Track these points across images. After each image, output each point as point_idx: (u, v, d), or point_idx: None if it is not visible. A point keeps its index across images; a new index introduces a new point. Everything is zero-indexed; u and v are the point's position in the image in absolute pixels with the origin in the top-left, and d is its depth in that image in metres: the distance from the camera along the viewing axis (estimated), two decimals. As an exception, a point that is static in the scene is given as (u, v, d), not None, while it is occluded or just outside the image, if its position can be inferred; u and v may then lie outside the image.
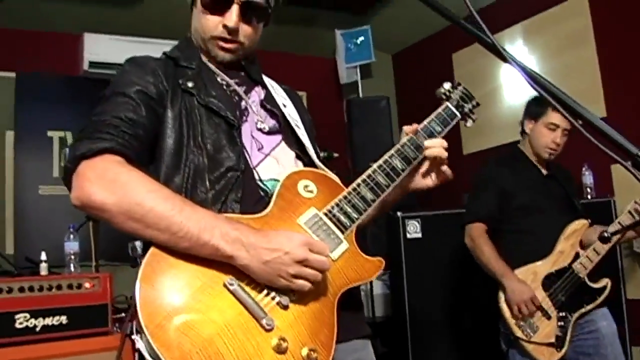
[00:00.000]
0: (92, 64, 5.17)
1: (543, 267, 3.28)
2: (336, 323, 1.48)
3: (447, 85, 1.95)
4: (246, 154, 1.66)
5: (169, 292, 1.37)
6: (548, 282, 3.24)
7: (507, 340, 3.30)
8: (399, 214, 4.43)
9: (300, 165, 1.79)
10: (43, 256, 3.68)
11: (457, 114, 1.92)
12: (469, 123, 1.99)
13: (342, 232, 1.58)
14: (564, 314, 3.22)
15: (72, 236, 3.84)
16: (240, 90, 1.79)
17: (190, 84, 1.68)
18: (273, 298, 1.43)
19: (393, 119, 5.86)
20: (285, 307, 1.43)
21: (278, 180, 1.64)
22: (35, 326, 3.31)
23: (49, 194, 5.09)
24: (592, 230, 3.34)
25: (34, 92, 5.11)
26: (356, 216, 1.61)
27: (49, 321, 3.35)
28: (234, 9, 1.69)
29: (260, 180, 1.66)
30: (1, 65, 5.13)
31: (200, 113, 1.65)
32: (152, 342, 1.29)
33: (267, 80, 1.92)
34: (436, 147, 1.76)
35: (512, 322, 3.19)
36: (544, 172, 3.58)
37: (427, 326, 4.40)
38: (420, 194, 1.88)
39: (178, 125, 1.62)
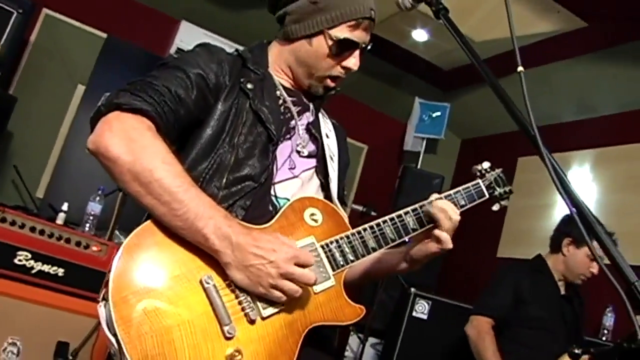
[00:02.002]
0: (179, 51, 5.30)
1: None
2: (297, 355, 1.46)
3: (485, 165, 1.91)
4: (274, 170, 1.68)
5: (146, 270, 1.37)
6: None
7: None
8: (412, 290, 4.36)
9: (320, 195, 1.79)
10: (64, 207, 3.74)
11: (486, 194, 1.86)
12: (495, 207, 1.92)
13: (333, 270, 1.56)
14: None
15: (98, 198, 3.88)
16: (295, 109, 1.80)
17: (249, 86, 1.69)
18: (243, 309, 1.41)
19: (441, 199, 5.79)
20: (252, 322, 1.42)
21: (289, 200, 1.64)
22: (32, 268, 3.36)
23: (95, 153, 5.14)
24: None
25: (118, 58, 5.20)
26: (352, 258, 1.60)
27: (46, 268, 3.39)
28: (357, 52, 1.75)
29: (275, 196, 1.66)
30: (96, 22, 5.28)
31: (248, 117, 1.67)
32: (112, 312, 1.29)
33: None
34: (448, 212, 1.68)
35: None
36: (562, 291, 3.49)
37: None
38: (441, 278, 1.81)
39: (223, 120, 1.64)
